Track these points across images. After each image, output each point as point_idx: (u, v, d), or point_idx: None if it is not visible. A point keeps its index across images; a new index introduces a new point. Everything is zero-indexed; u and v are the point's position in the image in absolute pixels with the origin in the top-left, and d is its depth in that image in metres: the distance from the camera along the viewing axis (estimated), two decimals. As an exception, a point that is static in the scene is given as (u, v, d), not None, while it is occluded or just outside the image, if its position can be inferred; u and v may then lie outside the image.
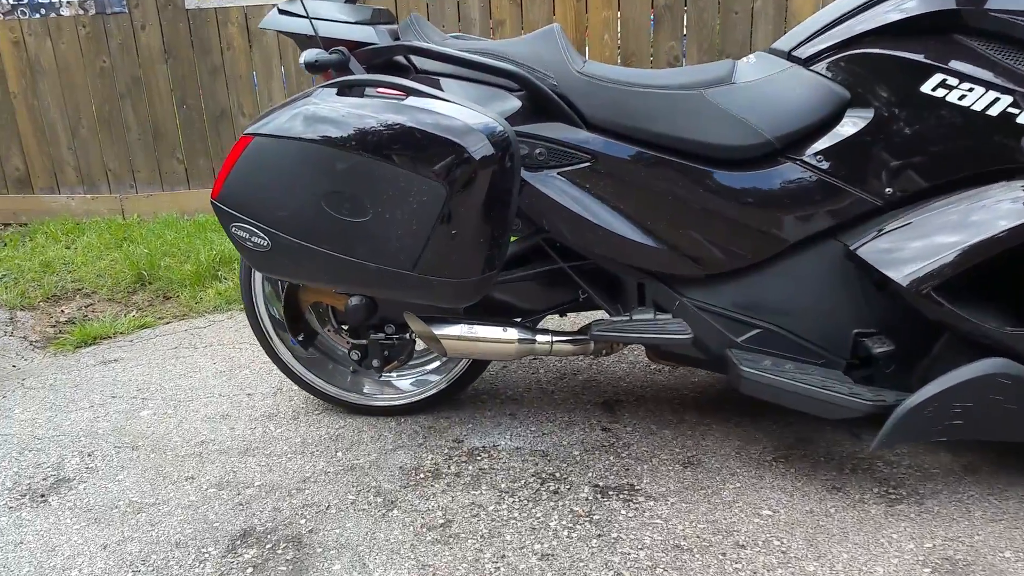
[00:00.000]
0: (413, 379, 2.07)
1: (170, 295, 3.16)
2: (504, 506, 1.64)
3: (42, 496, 1.75)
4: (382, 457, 1.85)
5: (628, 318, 1.71)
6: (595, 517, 1.59)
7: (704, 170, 1.61)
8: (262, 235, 1.50)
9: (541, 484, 1.71)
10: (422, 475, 1.76)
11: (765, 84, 1.60)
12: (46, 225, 4.07)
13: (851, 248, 1.54)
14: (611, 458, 1.80)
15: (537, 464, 1.79)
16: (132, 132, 4.21)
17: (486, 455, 1.84)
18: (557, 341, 1.79)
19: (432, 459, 1.83)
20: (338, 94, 1.51)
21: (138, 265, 3.28)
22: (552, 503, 1.64)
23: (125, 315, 2.94)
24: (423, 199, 1.41)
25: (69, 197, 4.30)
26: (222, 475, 1.80)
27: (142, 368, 2.44)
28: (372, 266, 1.46)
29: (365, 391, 2.04)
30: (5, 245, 3.85)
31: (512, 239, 1.75)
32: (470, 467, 1.79)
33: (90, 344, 2.69)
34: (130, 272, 3.27)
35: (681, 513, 1.59)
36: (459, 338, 1.74)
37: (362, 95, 1.50)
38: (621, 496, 1.66)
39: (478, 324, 1.75)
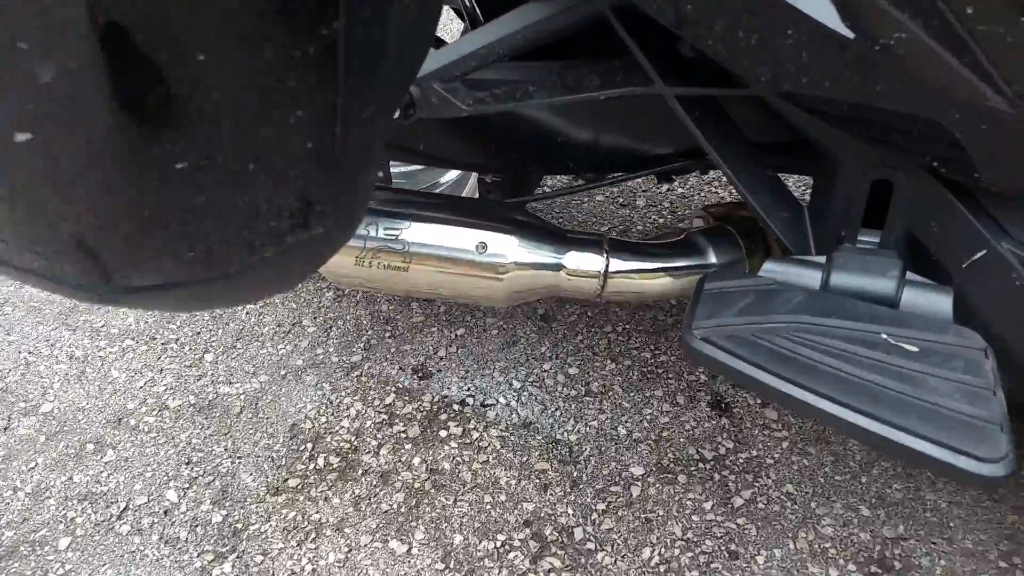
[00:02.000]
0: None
1: None
2: (442, 613, 0.77)
3: None
4: (266, 394, 0.97)
5: (822, 277, 0.61)
6: None
7: None
8: None
9: (535, 561, 0.80)
10: (319, 464, 0.89)
11: None
12: None
13: None
14: (716, 512, 0.84)
15: (548, 491, 0.86)
16: None
17: (459, 429, 0.92)
18: (620, 273, 0.73)
19: (357, 415, 0.94)
20: None
21: None
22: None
23: None
24: None
25: None
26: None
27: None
28: None
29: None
30: None
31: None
32: (416, 459, 0.89)
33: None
34: None
35: None
36: (357, 259, 0.70)
37: None
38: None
39: (425, 219, 0.69)
